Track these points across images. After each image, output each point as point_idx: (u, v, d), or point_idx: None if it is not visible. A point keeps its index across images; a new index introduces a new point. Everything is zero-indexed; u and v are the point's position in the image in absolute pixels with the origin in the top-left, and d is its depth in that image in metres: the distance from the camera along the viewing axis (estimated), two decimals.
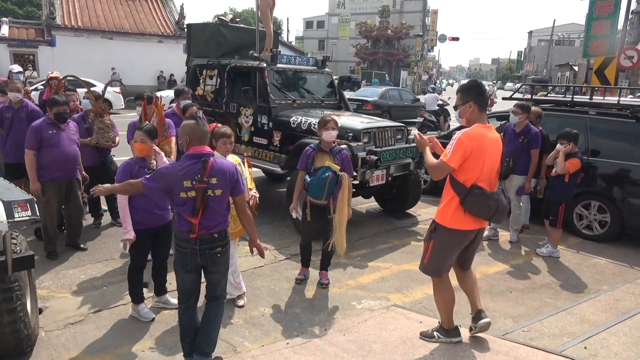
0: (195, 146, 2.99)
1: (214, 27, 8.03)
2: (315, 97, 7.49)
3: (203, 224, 2.97)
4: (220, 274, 3.19)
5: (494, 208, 3.09)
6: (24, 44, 22.54)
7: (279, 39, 8.35)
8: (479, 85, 3.24)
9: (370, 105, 18.29)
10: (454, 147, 3.01)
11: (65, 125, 5.04)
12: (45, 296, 4.23)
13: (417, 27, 53.77)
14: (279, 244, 5.72)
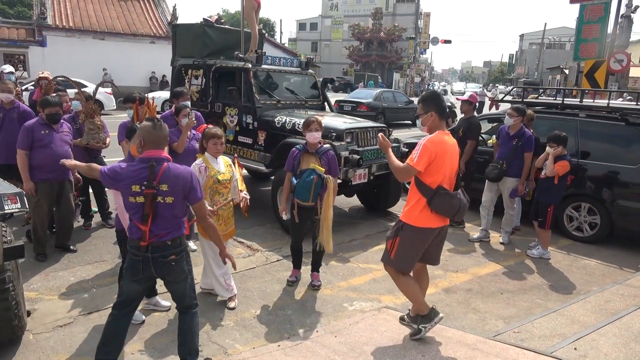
0: (149, 149, 2.88)
1: (200, 28, 8.07)
2: (299, 98, 7.62)
3: (154, 231, 2.84)
4: (180, 283, 3.04)
5: (457, 207, 3.39)
6: (15, 44, 22.33)
7: (263, 41, 8.42)
8: (438, 95, 3.52)
9: (365, 107, 18.36)
10: (420, 152, 3.26)
11: (58, 126, 5.01)
12: (33, 298, 4.19)
13: (409, 29, 53.98)
14: (270, 245, 5.70)
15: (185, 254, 3.02)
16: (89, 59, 22.23)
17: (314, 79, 8.10)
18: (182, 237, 2.99)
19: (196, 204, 2.96)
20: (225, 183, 4.04)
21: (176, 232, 2.94)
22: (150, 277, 2.99)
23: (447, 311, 4.35)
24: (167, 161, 2.90)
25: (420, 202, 3.39)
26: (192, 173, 2.96)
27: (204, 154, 4.09)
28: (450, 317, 4.26)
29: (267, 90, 7.17)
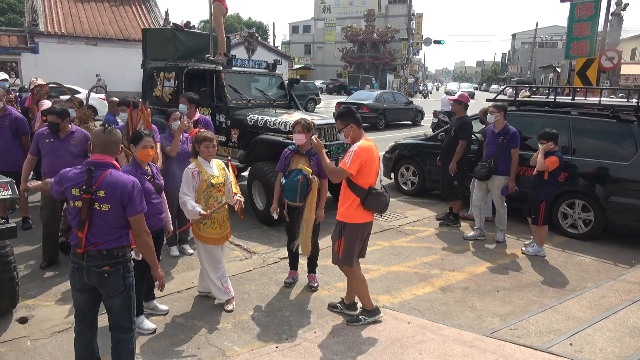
0: (95, 154, 2.85)
1: (170, 32, 8.35)
2: (269, 97, 8.12)
3: (89, 238, 2.75)
4: (114, 298, 2.85)
5: (385, 203, 3.83)
6: (6, 52, 22.23)
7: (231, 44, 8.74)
8: (350, 109, 3.91)
9: (366, 109, 18.51)
10: (352, 158, 3.64)
11: (67, 135, 4.93)
12: (31, 305, 4.18)
13: (402, 30, 54.15)
14: (267, 248, 5.71)
15: (124, 267, 2.84)
16: (81, 65, 22.19)
17: (281, 79, 8.62)
18: (121, 248, 2.83)
19: (132, 217, 2.77)
20: (219, 186, 4.05)
21: (114, 243, 2.79)
22: (88, 286, 2.83)
23: (444, 310, 4.38)
24: (112, 168, 2.81)
25: (355, 201, 3.76)
26: (135, 183, 2.80)
27: (196, 157, 4.09)
28: (447, 315, 4.29)
29: (237, 91, 7.53)
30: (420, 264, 5.46)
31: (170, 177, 4.83)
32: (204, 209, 3.90)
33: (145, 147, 3.64)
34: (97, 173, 2.75)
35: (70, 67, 21.59)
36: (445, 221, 6.84)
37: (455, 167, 6.48)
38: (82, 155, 4.92)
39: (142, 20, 25.80)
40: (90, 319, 2.98)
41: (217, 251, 4.18)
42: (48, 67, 20.89)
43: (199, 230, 4.05)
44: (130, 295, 2.91)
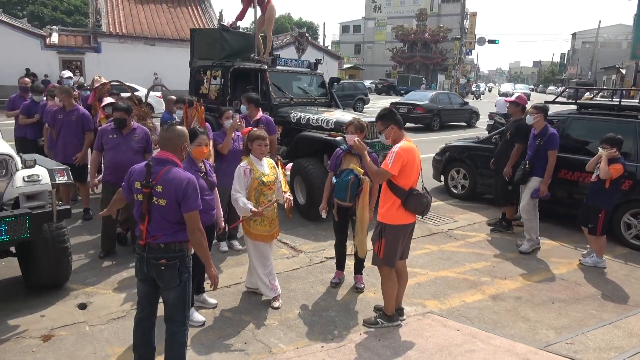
0: (160, 151, 2.98)
1: (217, 32, 8.64)
2: (310, 96, 8.32)
3: (149, 231, 2.86)
4: (170, 291, 2.94)
5: (426, 204, 3.79)
6: (72, 51, 23.58)
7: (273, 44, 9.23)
8: (391, 110, 3.91)
9: (421, 109, 18.42)
10: (394, 159, 3.62)
11: (129, 131, 5.11)
12: (90, 292, 4.40)
13: (455, 30, 52.91)
14: (314, 246, 5.73)
15: (180, 262, 2.91)
16: (140, 64, 23.15)
17: (322, 78, 8.78)
18: (178, 243, 2.90)
19: (186, 214, 2.82)
20: (269, 185, 4.10)
21: (171, 237, 2.87)
22: (148, 277, 2.95)
23: (494, 319, 4.23)
24: (173, 164, 2.88)
25: (395, 202, 3.74)
26: (190, 180, 2.83)
27: (248, 155, 4.15)
28: (498, 325, 4.14)
29: (281, 89, 7.79)
30: (470, 270, 5.30)
31: (221, 174, 4.93)
32: (254, 206, 3.96)
33: (199, 145, 3.73)
34: (157, 168, 2.84)
35: (129, 65, 22.57)
36: (497, 227, 6.62)
37: (510, 171, 6.24)
38: (142, 151, 5.14)
39: (198, 21, 26.60)
40: (149, 308, 3.09)
41: (265, 248, 4.23)
42: (109, 65, 21.97)
43: (249, 227, 4.12)
44: (185, 290, 2.98)
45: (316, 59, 9.00)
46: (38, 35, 23.02)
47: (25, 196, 3.86)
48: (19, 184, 3.83)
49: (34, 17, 38.27)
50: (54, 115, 6.20)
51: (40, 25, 30.34)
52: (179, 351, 3.03)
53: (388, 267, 3.88)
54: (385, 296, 3.99)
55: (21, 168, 3.97)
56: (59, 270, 4.30)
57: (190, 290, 3.05)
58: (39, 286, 4.34)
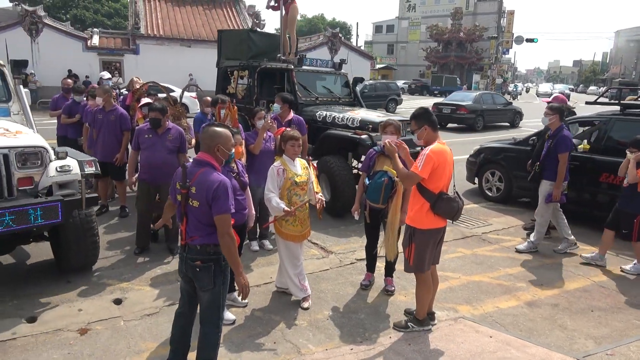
0: (200, 152, 2.99)
1: (245, 33, 8.89)
2: (334, 95, 8.50)
3: (187, 232, 2.91)
4: (204, 293, 2.96)
5: (457, 209, 3.68)
6: (112, 53, 24.35)
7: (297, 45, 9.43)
8: (427, 110, 3.78)
9: (465, 110, 18.43)
10: (424, 161, 3.53)
11: (164, 131, 5.18)
12: (125, 287, 4.51)
13: (491, 28, 51.85)
14: (344, 248, 5.71)
15: (215, 265, 2.92)
16: (176, 65, 23.69)
17: (346, 78, 8.91)
18: (213, 246, 2.89)
19: (216, 217, 2.80)
20: (302, 185, 4.10)
21: (206, 239, 2.88)
22: (186, 276, 3.00)
23: (530, 326, 4.10)
24: (209, 166, 2.88)
25: (425, 206, 3.66)
26: (221, 183, 2.80)
27: (281, 156, 4.17)
28: (533, 332, 4.01)
29: (307, 89, 8.01)
30: (505, 275, 5.16)
31: (252, 173, 4.98)
32: (287, 206, 3.97)
33: (234, 145, 3.77)
34: (194, 170, 2.88)
35: (166, 67, 23.14)
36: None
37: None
38: (176, 150, 5.24)
39: (232, 22, 26.99)
40: (189, 305, 3.15)
41: (296, 248, 4.24)
42: (147, 67, 22.59)
43: (280, 227, 4.14)
44: (219, 293, 2.99)
45: (340, 59, 9.20)
46: (80, 38, 23.88)
47: (57, 185, 4.22)
48: (52, 173, 4.19)
49: (76, 20, 39.73)
50: (93, 115, 6.41)
51: (82, 28, 31.46)
52: (210, 352, 3.06)
53: (420, 273, 3.80)
54: (418, 300, 3.92)
55: (54, 159, 4.29)
56: (87, 253, 4.67)
57: (224, 293, 3.06)
58: (69, 268, 4.71)
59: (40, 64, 22.53)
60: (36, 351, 3.47)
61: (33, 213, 3.87)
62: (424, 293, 3.87)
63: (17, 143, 4.15)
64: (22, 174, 4.10)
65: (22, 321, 3.85)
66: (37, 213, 3.88)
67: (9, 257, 5.17)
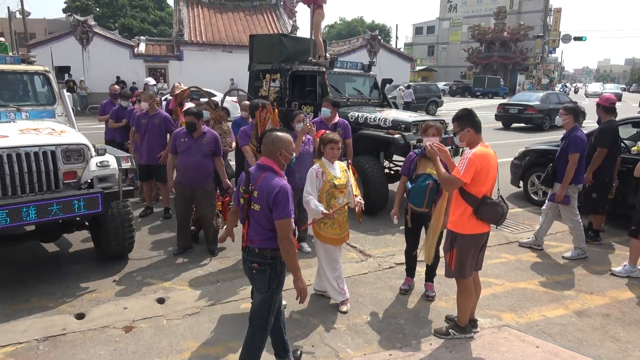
0: (263, 157, 3.03)
1: (276, 38, 9.32)
2: (364, 97, 8.61)
3: (248, 235, 2.98)
4: (258, 294, 3.03)
5: (501, 213, 3.57)
6: (157, 59, 25.17)
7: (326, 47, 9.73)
8: (470, 112, 3.66)
9: (533, 110, 18.74)
10: (466, 165, 3.43)
11: (199, 135, 5.26)
12: (167, 287, 4.63)
13: (537, 27, 50.14)
14: (383, 251, 5.64)
15: (271, 270, 2.95)
16: (218, 70, 24.20)
17: (374, 79, 8.98)
18: (271, 250, 2.93)
19: (276, 221, 2.83)
20: (341, 187, 4.08)
21: (265, 243, 2.93)
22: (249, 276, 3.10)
23: (579, 337, 3.91)
24: (271, 171, 2.92)
25: (467, 211, 3.55)
26: (282, 188, 2.83)
27: (321, 158, 4.17)
28: (583, 343, 3.82)
29: (338, 90, 8.14)
30: (552, 282, 4.95)
31: (290, 176, 4.99)
32: (326, 209, 3.96)
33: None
34: (257, 174, 2.93)
35: (208, 72, 23.69)
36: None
37: (590, 177, 5.79)
38: (211, 154, 5.32)
39: (272, 27, 27.34)
40: None
41: (335, 251, 4.22)
42: (190, 72, 23.22)
43: (319, 229, 4.13)
44: (272, 297, 3.02)
45: (370, 61, 9.36)
46: (128, 46, 24.83)
47: (98, 178, 4.64)
48: (93, 168, 4.63)
49: (124, 28, 41.33)
50: (137, 120, 6.63)
51: (129, 36, 32.71)
52: (253, 354, 3.09)
53: (461, 279, 3.70)
54: (459, 307, 3.82)
55: (95, 156, 4.71)
56: (124, 242, 5.07)
57: (277, 298, 3.07)
58: (108, 256, 5.14)
59: (91, 71, 23.58)
60: (84, 347, 3.61)
61: (77, 203, 4.28)
62: (465, 299, 3.77)
63: (62, 141, 4.55)
64: (67, 168, 4.50)
65: (72, 317, 4.01)
66: (80, 203, 4.29)
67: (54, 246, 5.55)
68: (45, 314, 4.07)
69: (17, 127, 4.79)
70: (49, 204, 4.14)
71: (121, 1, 45.43)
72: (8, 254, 5.38)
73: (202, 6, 27.56)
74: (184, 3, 26.73)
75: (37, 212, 4.09)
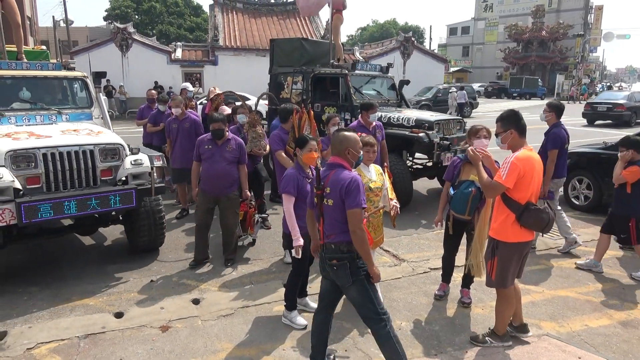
0: (332, 156, 3.15)
1: (297, 41, 9.60)
2: (383, 97, 8.89)
3: (324, 232, 3.07)
4: (348, 290, 3.07)
5: (546, 221, 3.42)
6: (193, 64, 25.70)
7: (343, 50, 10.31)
8: (516, 113, 3.53)
9: (622, 107, 20.21)
10: (509, 169, 3.32)
11: (223, 142, 5.13)
12: (203, 288, 4.70)
13: (577, 25, 48.50)
14: (417, 256, 5.56)
15: (350, 262, 3.01)
16: (253, 75, 24.43)
17: (392, 80, 9.27)
18: (347, 243, 2.98)
19: (349, 210, 2.91)
20: (376, 191, 4.04)
21: (340, 237, 3.00)
22: (328, 275, 3.15)
23: (624, 348, 3.74)
24: (340, 168, 3.03)
25: (510, 217, 3.43)
26: (353, 179, 2.94)
27: None
28: (629, 355, 3.65)
29: (359, 91, 8.33)
30: (595, 291, 4.76)
31: None
32: None
33: (310, 151, 3.84)
34: (327, 172, 3.07)
35: (243, 76, 23.96)
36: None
37: None
38: (236, 162, 5.20)
39: (305, 31, 27.46)
40: (326, 303, 3.30)
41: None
42: (225, 77, 23.57)
43: None
44: (364, 286, 3.03)
45: (388, 63, 9.64)
46: (165, 51, 25.46)
47: (132, 175, 4.87)
48: (128, 166, 4.87)
49: (161, 35, 42.44)
50: (168, 125, 6.79)
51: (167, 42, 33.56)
52: (389, 345, 3.06)
53: (502, 288, 3.60)
54: (498, 316, 3.71)
55: (129, 155, 4.96)
56: (156, 236, 5.41)
57: (370, 286, 3.05)
58: (140, 249, 5.45)
59: (130, 76, 24.30)
60: (122, 345, 3.70)
61: (113, 198, 4.59)
62: (505, 308, 3.67)
63: (100, 140, 4.85)
64: (104, 166, 4.78)
65: (111, 316, 4.13)
66: (116, 198, 4.61)
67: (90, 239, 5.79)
68: (86, 312, 4.21)
69: (59, 128, 5.09)
70: (88, 198, 4.47)
71: (159, 8, 46.66)
72: (52, 254, 5.60)
73: (237, 11, 27.98)
74: (219, 9, 27.20)
75: (77, 206, 4.42)
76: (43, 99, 5.64)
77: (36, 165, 4.40)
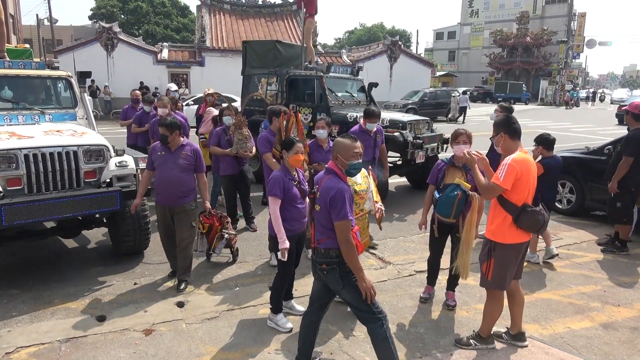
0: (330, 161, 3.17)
1: (271, 44, 9.96)
2: (355, 99, 9.28)
3: (315, 235, 3.08)
4: (340, 293, 3.08)
5: (542, 222, 3.48)
6: (179, 65, 25.54)
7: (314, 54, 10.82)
8: (508, 118, 3.60)
9: None
10: (506, 171, 3.35)
11: (177, 148, 4.60)
12: (187, 291, 4.65)
13: (560, 32, 49.33)
14: (403, 259, 5.58)
15: (340, 268, 3.00)
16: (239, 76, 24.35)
17: (361, 83, 9.70)
18: (335, 249, 2.99)
19: (335, 222, 2.91)
20: (361, 194, 4.05)
21: (329, 243, 3.01)
22: (319, 277, 3.16)
23: (605, 350, 3.80)
24: (333, 174, 3.04)
25: (507, 219, 3.47)
26: (338, 190, 2.90)
27: None
28: (610, 357, 3.71)
29: (333, 93, 8.71)
30: (577, 293, 4.83)
31: None
32: None
33: (296, 153, 3.83)
34: (322, 176, 3.10)
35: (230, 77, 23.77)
36: (609, 247, 5.98)
37: (615, 187, 5.64)
38: (191, 169, 4.68)
39: (292, 34, 27.50)
40: (316, 305, 3.30)
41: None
42: (212, 78, 23.45)
43: None
44: (354, 290, 2.99)
45: (357, 66, 10.09)
46: (151, 52, 25.26)
47: (116, 177, 4.80)
48: (112, 168, 4.80)
49: (148, 35, 42.09)
50: (152, 126, 6.72)
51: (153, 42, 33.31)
52: (383, 345, 3.05)
53: (500, 290, 3.62)
54: (485, 317, 3.74)
55: (114, 156, 4.89)
56: (141, 240, 5.31)
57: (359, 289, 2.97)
58: (124, 252, 5.36)
59: (115, 76, 24.05)
60: (105, 349, 3.64)
61: (97, 201, 4.52)
62: (493, 310, 3.69)
63: (84, 141, 4.75)
64: (88, 168, 4.70)
65: (93, 319, 4.06)
66: (100, 201, 4.54)
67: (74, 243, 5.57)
68: (67, 315, 4.14)
69: (42, 129, 4.99)
70: (71, 200, 4.39)
71: (145, 8, 46.30)
72: (33, 256, 5.50)
73: (224, 13, 27.90)
74: (207, 10, 27.10)
75: (60, 208, 4.34)
76: (26, 99, 5.53)
77: (17, 166, 4.31)
